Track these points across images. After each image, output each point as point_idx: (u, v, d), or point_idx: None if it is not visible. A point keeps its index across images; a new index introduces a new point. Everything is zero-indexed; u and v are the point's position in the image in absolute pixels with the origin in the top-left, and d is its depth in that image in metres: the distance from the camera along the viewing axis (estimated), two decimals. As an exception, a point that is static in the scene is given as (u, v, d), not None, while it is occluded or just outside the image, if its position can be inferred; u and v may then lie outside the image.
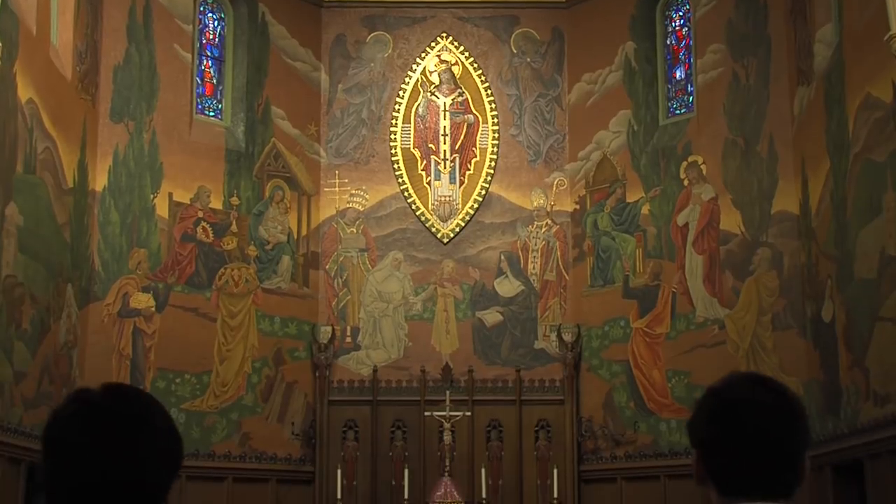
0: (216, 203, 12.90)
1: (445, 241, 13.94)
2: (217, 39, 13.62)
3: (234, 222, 13.01)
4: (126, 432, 1.90)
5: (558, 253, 13.86)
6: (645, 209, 13.16)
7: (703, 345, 12.33)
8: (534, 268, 13.83)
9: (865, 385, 9.81)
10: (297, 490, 12.82)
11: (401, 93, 14.29)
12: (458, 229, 13.96)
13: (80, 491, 1.85)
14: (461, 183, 14.07)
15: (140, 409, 1.93)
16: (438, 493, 12.36)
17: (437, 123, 14.25)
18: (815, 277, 11.07)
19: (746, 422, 2.14)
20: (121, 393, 1.97)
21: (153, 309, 12.13)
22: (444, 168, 14.12)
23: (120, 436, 1.88)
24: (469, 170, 14.09)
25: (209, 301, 12.63)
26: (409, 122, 14.21)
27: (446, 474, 12.49)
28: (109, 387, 1.94)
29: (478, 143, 14.16)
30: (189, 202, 12.64)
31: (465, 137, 14.19)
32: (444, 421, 12.54)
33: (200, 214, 12.72)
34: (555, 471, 12.65)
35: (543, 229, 13.92)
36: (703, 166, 12.65)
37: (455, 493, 12.35)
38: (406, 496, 12.34)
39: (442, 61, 14.38)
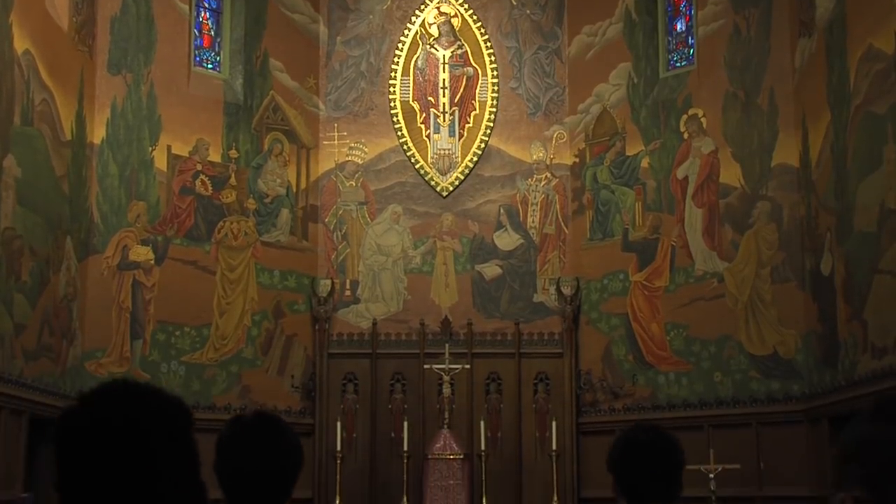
0: (215, 156, 12.87)
1: (445, 194, 13.92)
2: (214, -9, 13.51)
3: (232, 175, 12.98)
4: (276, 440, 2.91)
5: (557, 206, 13.84)
6: (644, 162, 13.13)
7: (702, 298, 12.35)
8: (533, 221, 13.82)
9: (863, 337, 9.85)
10: (298, 442, 12.89)
11: (400, 45, 14.20)
12: (457, 182, 13.94)
13: (240, 476, 2.83)
14: (460, 136, 14.03)
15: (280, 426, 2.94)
16: (438, 446, 12.45)
17: (436, 76, 14.18)
18: (815, 230, 11.07)
19: (638, 455, 3.19)
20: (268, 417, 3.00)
21: (152, 262, 12.13)
22: (444, 121, 14.06)
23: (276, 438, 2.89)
24: (468, 123, 14.04)
25: (208, 254, 12.63)
26: (409, 75, 14.14)
27: (445, 427, 12.57)
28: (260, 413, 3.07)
29: (477, 95, 14.10)
30: (188, 155, 12.61)
31: (464, 90, 14.13)
32: (443, 374, 12.60)
33: (199, 167, 12.69)
34: (553, 423, 12.72)
35: (543, 182, 13.90)
36: (703, 119, 12.60)
37: (454, 445, 12.43)
38: (405, 448, 12.41)
39: (441, 13, 14.29)
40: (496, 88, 14.07)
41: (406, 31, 14.21)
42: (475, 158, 13.97)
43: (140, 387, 1.97)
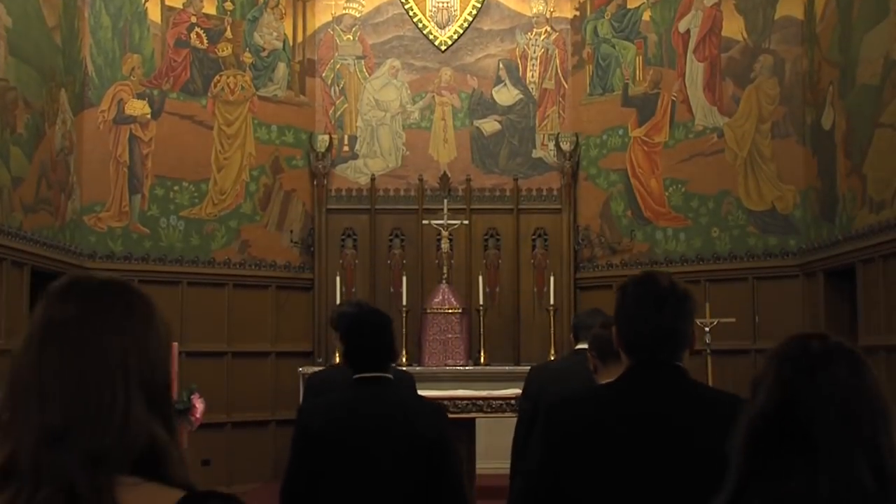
0: (209, 8, 12.63)
1: (443, 48, 13.72)
2: None
3: (228, 28, 12.77)
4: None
5: (557, 61, 13.66)
6: (646, 15, 12.90)
7: (702, 153, 12.30)
8: (532, 76, 13.66)
9: (862, 192, 9.85)
10: (297, 296, 13.02)
11: None
12: (455, 36, 13.73)
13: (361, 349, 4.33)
14: (459, -12, 13.75)
15: None
16: (436, 300, 12.58)
17: (434, -74, 13.82)
18: (817, 84, 10.96)
19: (640, 305, 3.11)
20: None
21: (149, 116, 12.03)
22: (442, -27, 13.76)
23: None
24: (467, -25, 13.74)
25: (205, 108, 12.52)
26: (406, -75, 13.77)
27: (444, 282, 12.67)
28: None
29: (476, -54, 13.77)
30: (182, 7, 12.37)
31: (463, -59, 13.79)
32: (441, 229, 12.65)
33: (194, 20, 12.46)
34: (551, 278, 12.82)
35: (542, 36, 13.69)
36: (707, -30, 12.33)
37: (453, 300, 12.56)
38: (404, 303, 12.54)
39: None
40: (496, -61, 13.73)
41: None
42: (474, 12, 13.72)
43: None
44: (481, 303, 12.64)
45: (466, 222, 12.84)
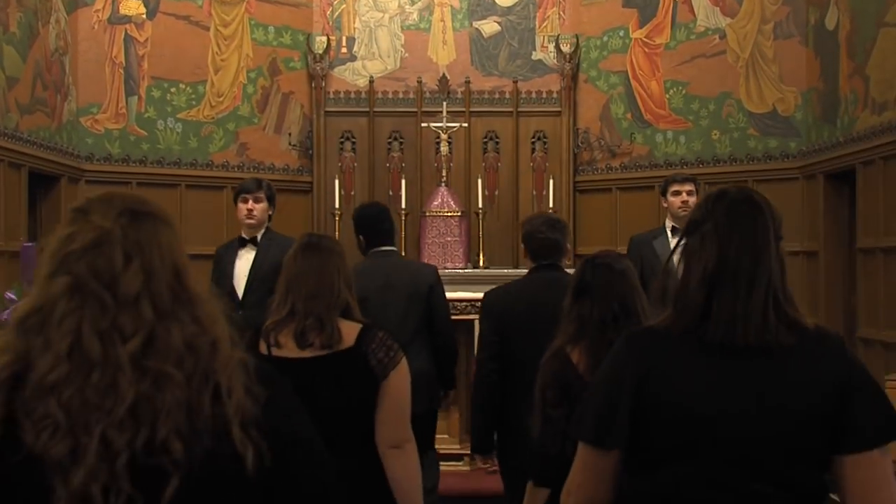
0: None
1: (442, -53, 13.49)
2: None
3: (223, -74, 12.53)
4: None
5: (558, -40, 13.44)
6: (649, -87, 12.66)
7: (703, 55, 12.17)
8: (533, -24, 13.45)
9: (864, 93, 9.78)
10: (296, 199, 12.99)
11: None
12: (455, -65, 13.48)
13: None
14: None
15: None
16: (435, 203, 12.55)
17: None
18: (822, -17, 10.80)
19: (539, 227, 5.58)
20: None
21: (144, 16, 11.87)
22: None
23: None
24: None
25: (201, 9, 12.34)
26: None
27: (443, 184, 12.63)
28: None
29: None
30: None
31: None
32: (440, 132, 12.56)
33: (188, -83, 12.22)
34: (551, 181, 12.78)
35: (544, -65, 13.44)
36: None
37: (452, 202, 12.54)
38: (403, 206, 12.51)
39: None
40: None
41: None
42: None
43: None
44: (480, 206, 12.62)
45: (465, 125, 12.74)
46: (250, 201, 7.41)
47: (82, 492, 1.73)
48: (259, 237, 7.56)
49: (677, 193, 7.51)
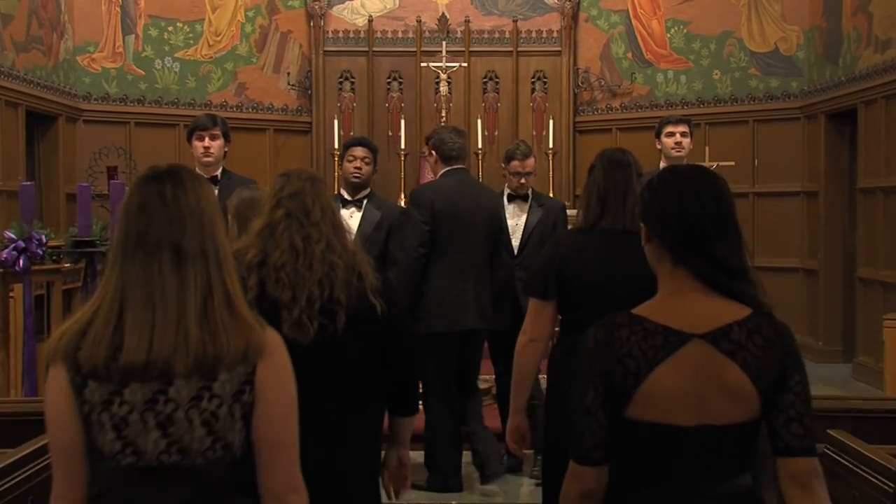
0: None
1: None
2: None
3: None
4: None
5: None
6: None
7: (705, -7, 12.06)
8: (533, -87, 13.26)
9: (867, 31, 9.71)
10: (295, 140, 12.94)
11: None
12: None
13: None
14: None
15: None
16: (435, 143, 12.48)
17: None
18: (826, -80, 10.68)
19: (450, 135, 6.66)
20: None
21: (140, -47, 11.74)
22: None
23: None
24: None
25: (197, -54, 12.20)
26: None
27: (443, 125, 12.54)
28: None
29: None
30: None
31: None
32: (440, 72, 12.45)
33: None
34: (550, 121, 12.71)
35: None
36: None
37: (451, 143, 12.47)
38: (402, 146, 12.45)
39: None
40: None
41: None
42: None
43: None
44: (480, 146, 12.55)
45: (465, 65, 12.64)
46: (206, 138, 6.57)
47: (297, 319, 3.29)
48: (218, 176, 6.67)
49: (671, 135, 7.48)
